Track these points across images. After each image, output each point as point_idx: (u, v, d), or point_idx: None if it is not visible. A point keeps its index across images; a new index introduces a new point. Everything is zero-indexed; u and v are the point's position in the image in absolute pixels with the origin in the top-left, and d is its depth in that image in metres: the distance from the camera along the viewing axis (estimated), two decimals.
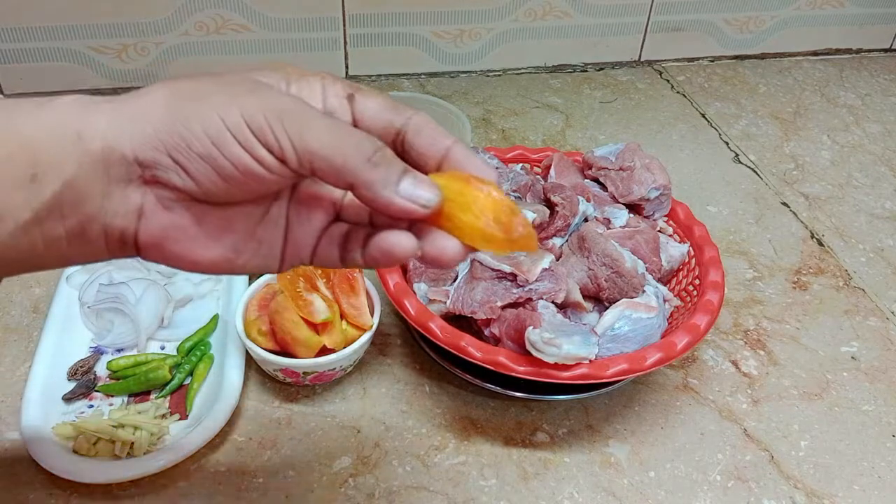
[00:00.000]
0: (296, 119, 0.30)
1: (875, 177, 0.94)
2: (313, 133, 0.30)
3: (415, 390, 0.63)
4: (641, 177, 0.66)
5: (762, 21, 1.15)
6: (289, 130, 0.30)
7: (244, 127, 0.30)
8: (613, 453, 0.59)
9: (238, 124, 0.30)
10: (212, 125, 0.30)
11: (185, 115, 0.30)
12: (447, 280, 0.60)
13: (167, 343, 0.65)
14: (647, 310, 0.57)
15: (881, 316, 0.74)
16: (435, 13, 1.02)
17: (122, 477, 0.53)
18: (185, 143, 0.30)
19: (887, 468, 0.60)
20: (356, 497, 0.55)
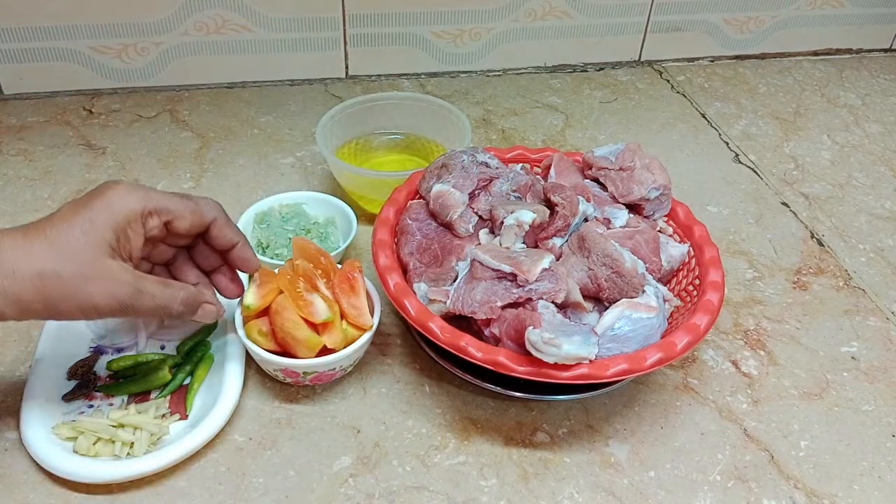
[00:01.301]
0: (131, 309, 0.50)
1: (875, 177, 0.94)
2: (141, 313, 0.51)
3: (415, 390, 0.63)
4: (641, 177, 0.66)
5: (762, 21, 1.15)
6: (126, 313, 0.50)
7: (96, 315, 0.49)
8: (613, 453, 0.59)
9: (94, 313, 0.49)
10: (77, 314, 0.48)
11: (63, 306, 0.48)
12: (447, 280, 0.60)
13: (167, 343, 0.64)
14: (647, 310, 0.57)
15: (881, 316, 0.74)
16: (435, 13, 1.02)
17: (122, 477, 0.53)
18: (59, 318, 0.49)
19: (887, 468, 0.60)
20: (356, 497, 0.55)
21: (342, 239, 0.74)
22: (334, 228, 0.75)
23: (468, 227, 0.63)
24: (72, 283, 0.47)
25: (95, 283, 0.47)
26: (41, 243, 0.47)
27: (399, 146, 0.86)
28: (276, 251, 0.71)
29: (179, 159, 0.87)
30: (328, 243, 0.73)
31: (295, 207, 0.75)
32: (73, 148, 0.88)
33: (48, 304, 0.47)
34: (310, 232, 0.73)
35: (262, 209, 0.74)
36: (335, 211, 0.76)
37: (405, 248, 0.64)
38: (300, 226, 0.73)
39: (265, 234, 0.72)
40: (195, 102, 0.97)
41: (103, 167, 0.85)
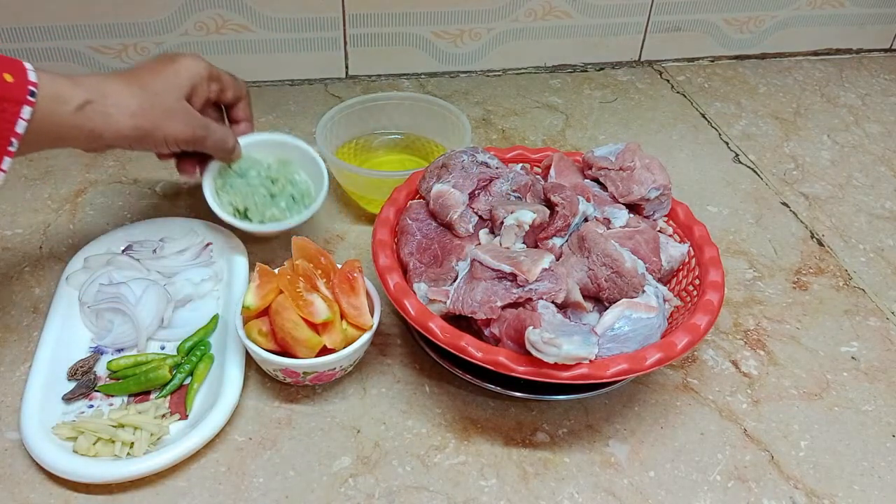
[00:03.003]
0: (200, 141, 0.64)
1: (875, 177, 0.94)
2: (206, 145, 0.66)
3: (415, 390, 0.63)
4: (641, 177, 0.66)
5: (762, 21, 1.15)
6: (196, 145, 0.65)
7: (175, 144, 0.63)
8: (613, 453, 0.59)
9: (174, 143, 0.63)
10: (160, 143, 0.62)
11: (151, 136, 0.61)
12: (447, 280, 0.60)
13: (167, 343, 0.65)
14: (647, 310, 0.57)
15: (881, 316, 0.74)
16: (435, 13, 1.02)
17: (122, 477, 0.53)
18: (141, 145, 0.61)
19: (887, 468, 0.60)
20: (356, 497, 0.55)
21: (312, 183, 0.72)
22: (298, 171, 0.73)
23: (468, 227, 0.63)
24: (160, 116, 0.60)
25: (177, 115, 0.62)
26: (138, 87, 0.60)
27: (399, 146, 0.86)
28: (257, 211, 0.69)
29: None
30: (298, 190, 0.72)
31: (245, 158, 0.71)
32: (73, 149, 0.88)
33: (141, 130, 0.59)
34: (276, 181, 0.71)
35: (213, 173, 0.70)
36: (286, 150, 0.73)
37: (405, 248, 0.64)
38: (262, 175, 0.71)
39: (235, 199, 0.70)
40: None
41: (103, 167, 0.85)
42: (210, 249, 0.72)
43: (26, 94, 0.52)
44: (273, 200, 0.70)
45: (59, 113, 0.55)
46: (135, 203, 0.80)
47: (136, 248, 0.71)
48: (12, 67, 0.53)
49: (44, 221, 0.77)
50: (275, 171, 0.72)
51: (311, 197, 0.72)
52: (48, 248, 0.74)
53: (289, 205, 0.71)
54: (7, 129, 0.52)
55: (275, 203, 0.70)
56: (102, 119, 0.57)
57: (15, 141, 0.53)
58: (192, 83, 0.64)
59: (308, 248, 0.62)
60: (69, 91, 0.56)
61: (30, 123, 0.53)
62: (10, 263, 0.72)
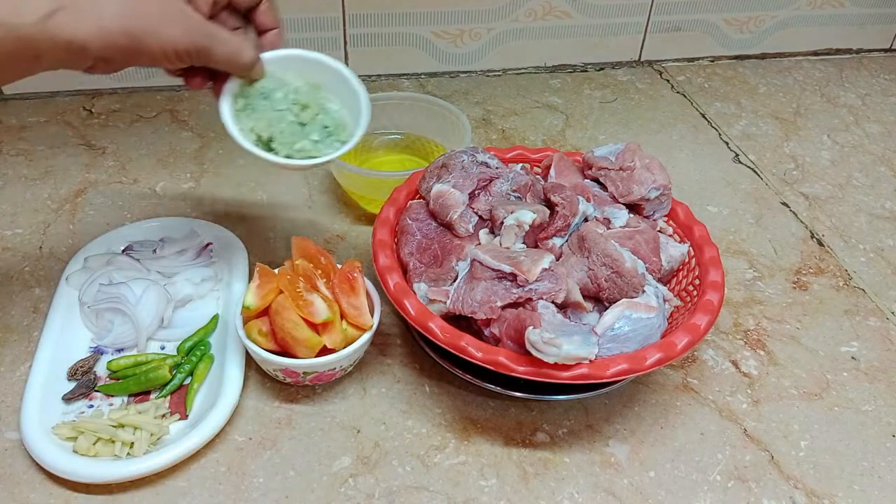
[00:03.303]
0: (204, 52, 0.53)
1: (875, 177, 0.94)
2: (213, 57, 0.54)
3: (415, 390, 0.63)
4: (641, 177, 0.66)
5: (762, 21, 1.15)
6: (201, 57, 0.53)
7: (175, 56, 0.52)
8: (613, 453, 0.59)
9: (173, 53, 0.51)
10: (158, 55, 0.51)
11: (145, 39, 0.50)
12: (447, 280, 0.60)
13: (167, 343, 0.65)
14: (647, 310, 0.57)
15: (881, 316, 0.74)
16: (435, 13, 1.02)
17: (122, 477, 0.53)
18: (135, 58, 0.50)
19: (887, 468, 0.60)
20: (356, 497, 0.55)
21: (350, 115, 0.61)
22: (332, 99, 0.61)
23: (468, 227, 0.63)
24: (154, 16, 0.50)
25: (173, 18, 0.51)
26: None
27: (399, 146, 0.86)
28: (284, 142, 0.59)
29: (179, 159, 0.87)
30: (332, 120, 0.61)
31: (272, 78, 0.59)
32: (73, 148, 0.88)
33: (132, 36, 0.49)
34: (306, 108, 0.60)
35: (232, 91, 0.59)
36: (319, 72, 0.61)
37: (405, 248, 0.64)
38: (290, 98, 0.60)
39: (258, 125, 0.59)
40: (195, 102, 0.97)
41: (103, 167, 0.85)
42: (210, 249, 0.72)
43: None
44: (303, 130, 0.59)
45: (23, 25, 0.46)
46: (135, 203, 0.80)
47: (136, 248, 0.71)
48: None
49: (44, 221, 0.77)
50: (304, 96, 0.60)
51: (347, 131, 0.61)
52: (48, 248, 0.74)
53: (322, 136, 0.60)
54: None
55: (305, 133, 0.59)
56: (81, 25, 0.47)
57: None
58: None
59: (308, 248, 0.62)
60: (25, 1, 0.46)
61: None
62: (10, 263, 0.72)
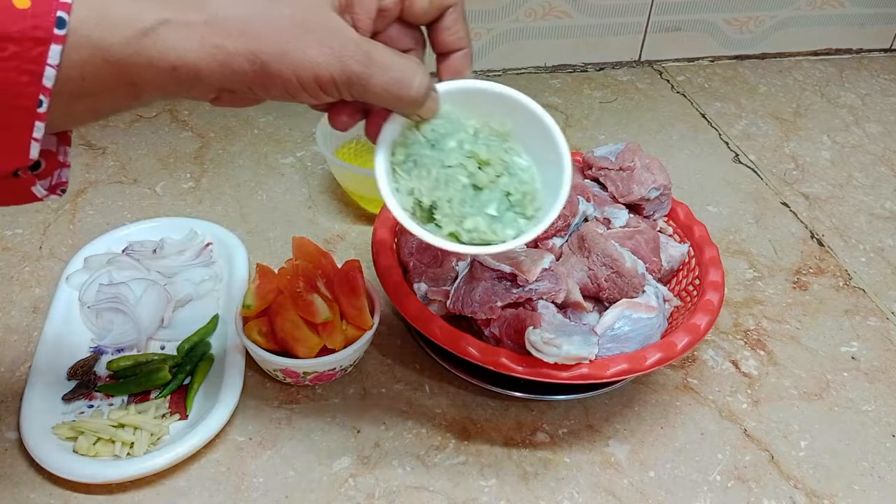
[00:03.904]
0: (358, 82, 0.38)
1: (875, 177, 0.94)
2: (370, 90, 0.39)
3: (415, 390, 0.63)
4: (641, 177, 0.66)
5: (762, 21, 1.15)
6: (352, 91, 0.39)
7: (316, 87, 0.38)
8: (613, 453, 0.59)
9: (313, 84, 0.38)
10: (294, 87, 0.38)
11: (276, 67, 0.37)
12: (447, 280, 0.60)
13: (167, 343, 0.64)
14: (647, 310, 0.57)
15: (881, 316, 0.74)
16: None
17: (122, 477, 0.53)
18: (266, 90, 0.38)
19: (887, 468, 0.60)
20: (356, 497, 0.55)
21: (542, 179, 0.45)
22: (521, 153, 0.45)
23: None
24: (287, 31, 0.37)
25: (316, 35, 0.37)
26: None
27: None
28: (450, 214, 0.43)
29: (179, 159, 0.87)
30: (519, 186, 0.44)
31: (444, 119, 0.44)
32: (73, 148, 0.87)
33: (256, 57, 0.36)
34: (485, 166, 0.44)
35: (392, 135, 0.44)
36: (506, 112, 0.45)
37: (405, 248, 0.64)
38: (465, 148, 0.44)
39: (420, 186, 0.43)
40: (195, 102, 0.97)
41: (103, 167, 0.85)
42: (210, 249, 0.72)
43: (52, 26, 0.32)
44: (477, 197, 0.44)
45: (113, 45, 0.34)
46: (135, 203, 0.80)
47: (136, 248, 0.71)
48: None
49: (44, 221, 0.77)
50: (485, 149, 0.44)
51: (536, 201, 0.45)
52: (48, 248, 0.74)
53: (501, 211, 0.44)
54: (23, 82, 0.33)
55: (479, 201, 0.44)
56: (189, 44, 0.36)
57: (44, 98, 0.33)
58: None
59: (308, 248, 0.62)
60: (127, 8, 0.35)
61: (64, 69, 0.33)
62: (10, 263, 0.72)
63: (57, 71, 0.33)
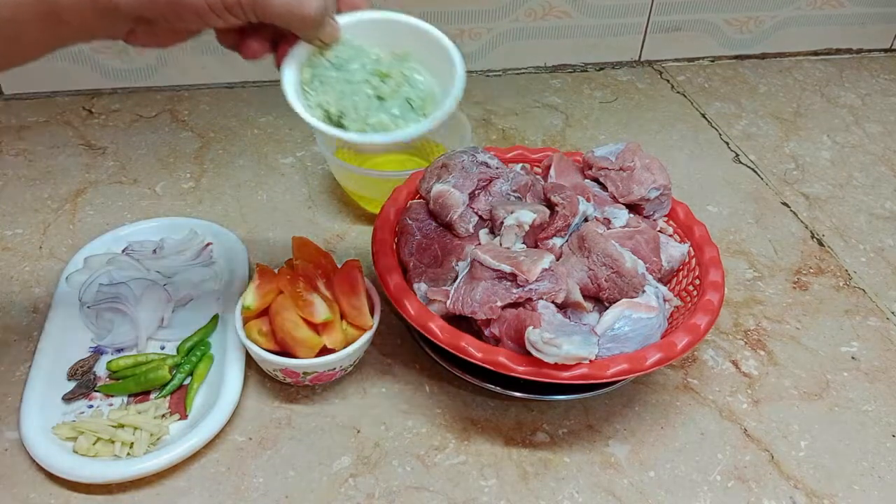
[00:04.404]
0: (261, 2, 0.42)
1: (875, 177, 0.94)
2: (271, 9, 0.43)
3: (415, 390, 0.63)
4: (641, 177, 0.66)
5: (762, 21, 1.15)
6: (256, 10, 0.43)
7: (222, 7, 0.42)
8: (613, 453, 0.59)
9: (219, 5, 0.42)
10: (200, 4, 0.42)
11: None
12: (447, 280, 0.60)
13: (167, 343, 0.64)
14: (647, 310, 0.57)
15: (881, 316, 0.74)
16: (435, 13, 1.02)
17: (122, 477, 0.53)
18: (177, 15, 0.42)
19: (887, 468, 0.60)
20: (356, 497, 0.55)
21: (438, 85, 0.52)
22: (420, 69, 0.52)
23: (468, 227, 0.63)
24: None
25: None
26: None
27: (399, 146, 0.86)
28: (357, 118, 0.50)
29: (179, 159, 0.87)
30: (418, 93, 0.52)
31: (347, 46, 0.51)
32: (73, 148, 0.88)
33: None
34: (387, 79, 0.51)
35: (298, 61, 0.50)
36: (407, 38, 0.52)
37: (405, 248, 0.64)
38: (368, 69, 0.51)
39: (326, 98, 0.50)
40: (195, 102, 0.97)
41: (103, 167, 0.85)
42: (210, 249, 0.72)
43: None
44: (381, 105, 0.51)
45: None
46: (135, 203, 0.80)
47: (136, 248, 0.71)
48: None
49: (44, 221, 0.77)
50: (386, 66, 0.52)
51: (435, 103, 0.52)
52: (48, 248, 0.74)
53: (403, 112, 0.51)
54: None
55: (383, 108, 0.51)
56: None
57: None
58: None
59: (308, 248, 0.62)
60: None
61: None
62: (10, 263, 0.72)
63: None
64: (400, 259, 0.63)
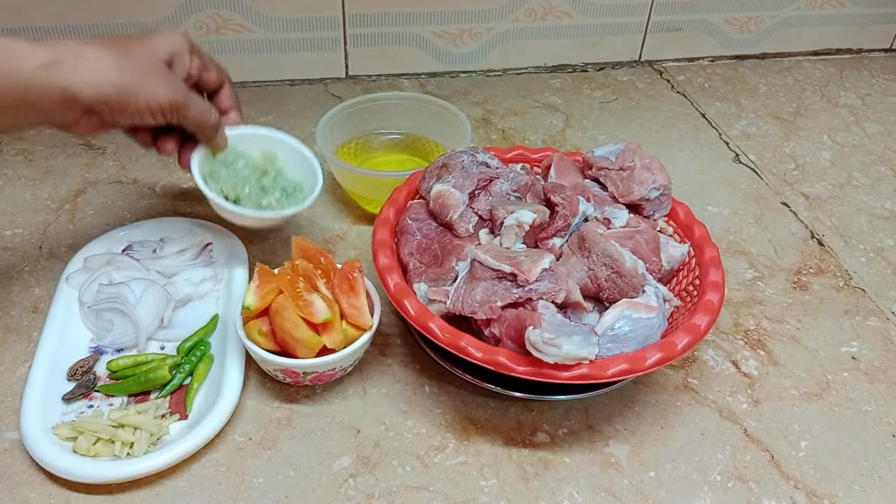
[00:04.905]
0: (182, 111, 0.60)
1: (875, 177, 0.94)
2: (189, 115, 0.60)
3: (415, 390, 0.63)
4: (641, 177, 0.66)
5: (762, 21, 1.15)
6: (178, 114, 0.60)
7: (158, 110, 0.58)
8: (613, 453, 0.59)
9: (157, 107, 0.58)
10: (143, 108, 0.57)
11: (133, 92, 0.56)
12: (447, 280, 0.60)
13: (167, 343, 0.65)
14: (647, 310, 0.57)
15: (881, 316, 0.74)
16: (435, 13, 1.02)
17: (122, 477, 0.53)
18: (122, 110, 0.56)
19: (887, 468, 0.60)
20: (356, 497, 0.55)
21: (306, 179, 0.69)
22: (287, 168, 0.69)
23: (468, 227, 0.63)
24: (142, 72, 0.57)
25: (159, 75, 0.58)
26: (116, 49, 0.57)
27: (399, 146, 0.86)
28: (251, 201, 0.66)
29: None
30: (290, 183, 0.69)
31: (230, 151, 0.67)
32: (73, 148, 0.88)
33: (122, 89, 0.55)
34: (266, 174, 0.68)
35: (200, 160, 0.65)
36: (273, 146, 0.70)
37: (405, 248, 0.64)
38: (250, 167, 0.67)
39: (225, 186, 0.66)
40: None
41: (103, 167, 0.85)
42: (210, 249, 0.72)
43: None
44: (264, 192, 0.67)
45: (22, 72, 0.51)
46: (135, 203, 0.80)
47: (136, 248, 0.71)
48: None
49: (44, 221, 0.77)
50: (262, 164, 0.68)
51: (304, 191, 0.68)
52: (48, 248, 0.74)
53: (282, 196, 0.68)
54: None
55: (266, 194, 0.67)
56: (76, 76, 0.53)
57: None
58: (171, 50, 0.60)
59: (308, 248, 0.62)
60: (31, 50, 0.52)
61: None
62: (10, 263, 0.72)
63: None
64: (400, 259, 0.63)
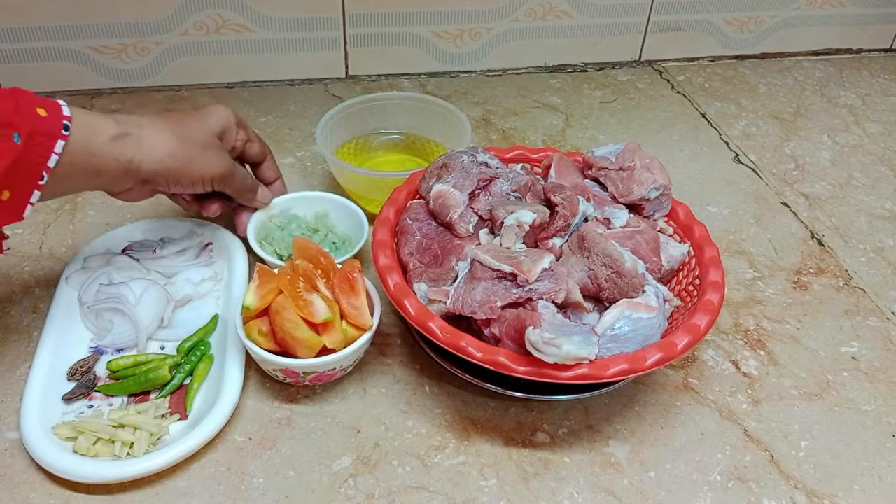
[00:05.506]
0: (229, 180, 0.66)
1: (875, 177, 0.94)
2: (234, 184, 0.67)
3: (415, 390, 0.63)
4: (641, 177, 0.66)
5: (762, 21, 1.15)
6: (224, 183, 0.66)
7: (210, 181, 0.64)
8: (613, 453, 0.59)
9: (209, 179, 0.64)
10: (196, 179, 0.63)
11: (186, 169, 0.62)
12: (447, 280, 0.60)
13: (167, 343, 0.65)
14: (647, 310, 0.57)
15: (881, 316, 0.74)
16: (435, 13, 1.02)
17: (122, 477, 0.53)
18: (177, 181, 0.62)
19: (887, 468, 0.60)
20: (356, 497, 0.55)
21: (351, 231, 0.74)
22: (336, 223, 0.75)
23: (468, 227, 0.63)
24: (199, 147, 0.62)
25: (212, 150, 0.64)
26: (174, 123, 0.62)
27: (399, 146, 0.86)
28: None
29: None
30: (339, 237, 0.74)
31: (283, 215, 0.75)
32: None
33: (179, 162, 0.60)
34: (317, 231, 0.74)
35: (255, 226, 0.72)
36: (323, 204, 0.76)
37: (405, 248, 0.64)
38: (302, 227, 0.74)
39: (279, 247, 0.71)
40: (195, 103, 0.97)
41: None
42: (210, 249, 0.72)
43: (60, 128, 0.53)
44: None
45: (94, 143, 0.56)
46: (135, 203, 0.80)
47: (136, 248, 0.71)
48: (46, 103, 0.54)
49: (44, 221, 0.77)
50: (313, 223, 0.74)
51: (352, 243, 0.73)
52: (48, 248, 0.74)
53: (332, 250, 0.72)
54: (39, 162, 0.52)
55: None
56: (140, 149, 0.58)
57: (45, 175, 0.53)
58: (222, 125, 0.66)
59: (308, 248, 0.62)
60: (104, 123, 0.57)
61: (63, 157, 0.53)
62: (10, 263, 0.72)
63: (58, 157, 0.53)
64: (400, 259, 0.63)
